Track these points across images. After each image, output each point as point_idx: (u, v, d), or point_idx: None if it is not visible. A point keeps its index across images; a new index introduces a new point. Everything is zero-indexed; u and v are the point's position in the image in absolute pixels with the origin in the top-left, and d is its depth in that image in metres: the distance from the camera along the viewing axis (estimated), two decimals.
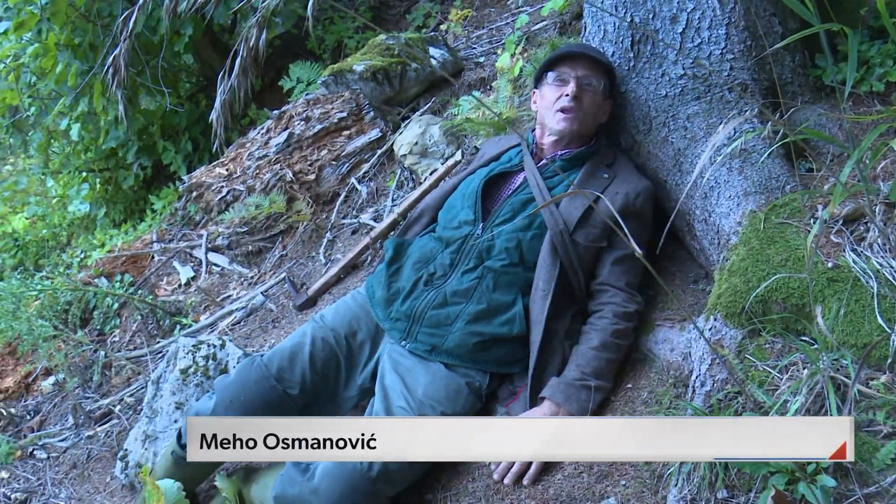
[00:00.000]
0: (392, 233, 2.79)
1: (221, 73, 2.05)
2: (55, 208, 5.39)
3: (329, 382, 1.90)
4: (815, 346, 1.37)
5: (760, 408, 1.39)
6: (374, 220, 2.95)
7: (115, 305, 3.41)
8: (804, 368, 1.37)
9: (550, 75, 1.96)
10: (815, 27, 1.16)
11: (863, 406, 1.27)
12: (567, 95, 1.89)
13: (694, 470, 1.37)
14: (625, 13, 1.92)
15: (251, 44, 1.92)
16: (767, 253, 1.54)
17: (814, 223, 1.52)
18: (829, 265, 1.44)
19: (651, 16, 1.89)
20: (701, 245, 1.84)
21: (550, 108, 1.94)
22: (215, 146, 2.19)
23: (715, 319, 1.57)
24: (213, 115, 2.17)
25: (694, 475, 1.37)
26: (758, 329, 1.49)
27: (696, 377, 1.54)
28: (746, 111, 1.74)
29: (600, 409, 1.71)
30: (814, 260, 1.44)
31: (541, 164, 1.96)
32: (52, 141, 4.88)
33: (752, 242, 1.58)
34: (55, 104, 4.38)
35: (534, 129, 2.07)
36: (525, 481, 1.63)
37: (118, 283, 3.50)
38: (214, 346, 2.38)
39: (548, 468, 1.64)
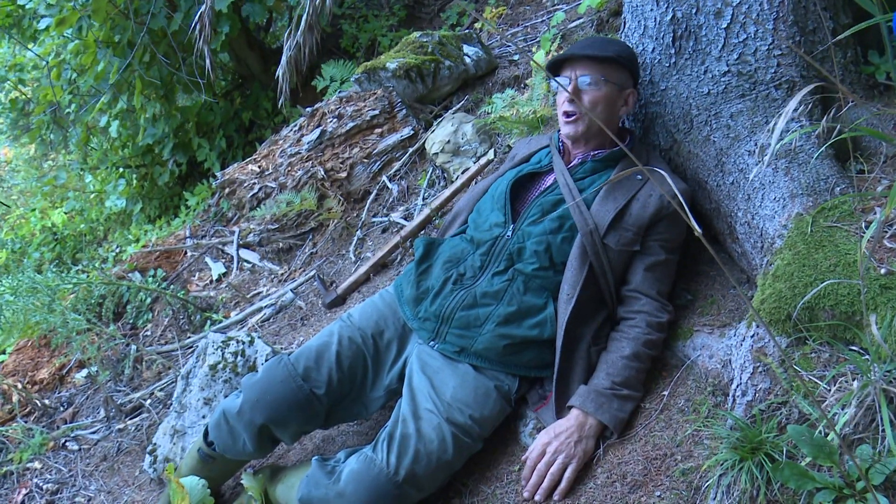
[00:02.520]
0: (422, 231, 2.76)
1: (287, 31, 2.06)
2: (93, 203, 5.49)
3: (356, 382, 1.88)
4: (867, 356, 1.29)
5: (806, 420, 1.32)
6: (405, 219, 2.92)
7: (148, 300, 3.44)
8: (854, 380, 1.30)
9: (555, 80, 1.92)
10: (875, 18, 1.09)
11: None
12: (566, 100, 1.86)
13: (734, 483, 1.31)
14: (666, 8, 1.86)
15: (317, 1, 1.90)
16: (815, 258, 1.46)
17: (866, 227, 1.44)
18: (883, 271, 1.36)
19: (694, 10, 1.82)
20: (743, 248, 1.77)
21: (560, 112, 1.91)
22: (280, 101, 2.19)
23: (758, 326, 1.50)
24: (280, 72, 2.17)
25: (734, 488, 1.31)
26: (804, 337, 1.42)
27: (737, 386, 1.47)
28: (796, 108, 1.66)
29: (630, 419, 1.66)
30: (865, 266, 1.37)
31: (571, 164, 1.91)
32: (91, 137, 4.97)
33: (799, 246, 1.51)
34: (94, 101, 4.45)
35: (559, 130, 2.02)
36: (556, 496, 1.59)
37: (151, 278, 3.54)
38: (243, 343, 2.38)
39: (579, 477, 1.59)
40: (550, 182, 1.90)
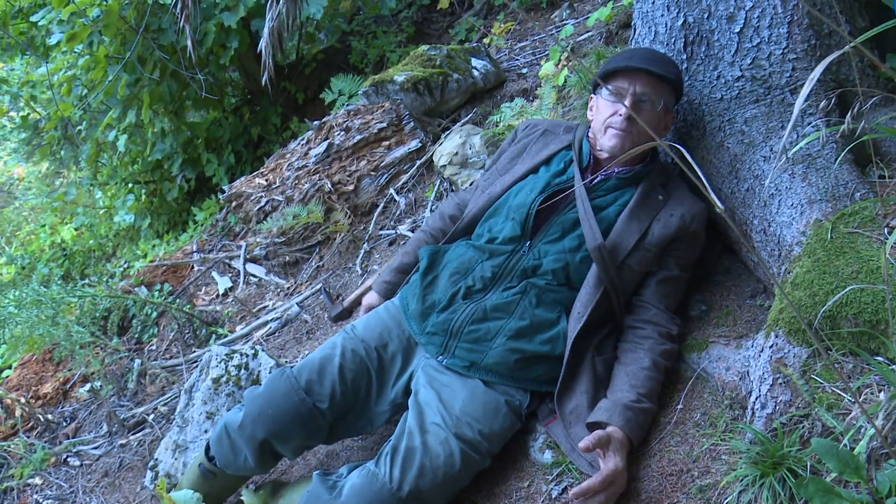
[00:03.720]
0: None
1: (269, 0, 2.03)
2: (102, 219, 5.50)
3: (360, 396, 1.83)
4: (894, 366, 1.23)
5: (830, 433, 1.26)
6: (412, 232, 2.88)
7: (154, 314, 3.41)
8: (880, 391, 1.24)
9: (606, 87, 1.80)
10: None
11: None
12: (620, 115, 1.74)
13: (755, 500, 1.24)
14: (677, 13, 1.83)
15: None
16: (836, 265, 1.41)
17: (889, 232, 1.39)
18: None
19: (706, 15, 1.79)
20: (759, 257, 1.71)
21: (602, 123, 1.80)
22: (264, 79, 2.17)
23: (776, 336, 1.44)
24: (262, 45, 2.14)
25: None
26: (826, 347, 1.36)
27: (756, 398, 1.41)
28: (811, 113, 1.62)
29: (649, 432, 1.60)
30: (889, 272, 1.31)
31: (595, 180, 1.82)
32: (101, 153, 4.99)
33: (818, 253, 1.46)
34: (104, 116, 4.48)
35: (588, 136, 1.92)
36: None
37: (157, 293, 3.52)
38: (247, 356, 2.34)
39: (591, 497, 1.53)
40: (572, 199, 1.81)
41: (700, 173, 0.65)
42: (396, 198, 3.09)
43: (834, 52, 1.66)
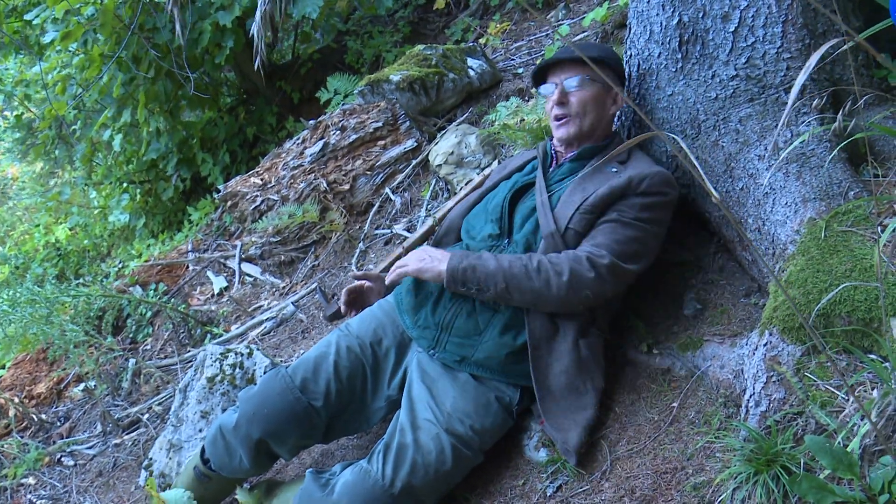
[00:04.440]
0: (425, 243, 2.72)
1: None
2: (96, 219, 5.48)
3: (356, 393, 1.83)
4: (887, 363, 1.24)
5: (823, 431, 1.26)
6: (408, 231, 2.88)
7: (149, 314, 3.40)
8: (874, 388, 1.24)
9: (543, 88, 1.94)
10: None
11: None
12: (553, 103, 1.87)
13: (749, 497, 1.25)
14: (672, 12, 1.83)
15: None
16: (829, 263, 1.41)
17: (882, 231, 1.39)
18: None
19: (701, 14, 1.79)
20: (753, 256, 1.72)
21: (550, 119, 1.92)
22: (256, 63, 2.16)
23: (770, 334, 1.45)
24: (254, 28, 2.13)
25: (748, 502, 1.24)
26: (819, 345, 1.36)
27: (750, 396, 1.41)
28: (804, 111, 1.62)
29: (624, 432, 1.60)
30: (883, 270, 1.32)
31: (552, 170, 1.92)
32: (96, 153, 4.97)
33: (812, 252, 1.46)
34: (99, 116, 4.46)
35: (552, 138, 2.02)
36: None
37: (152, 292, 3.51)
38: (242, 355, 2.33)
39: (588, 491, 1.53)
40: (534, 190, 1.89)
41: (695, 162, 0.65)
42: (392, 197, 3.09)
43: (830, 47, 1.67)
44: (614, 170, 1.78)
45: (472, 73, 3.35)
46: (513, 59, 3.64)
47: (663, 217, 1.75)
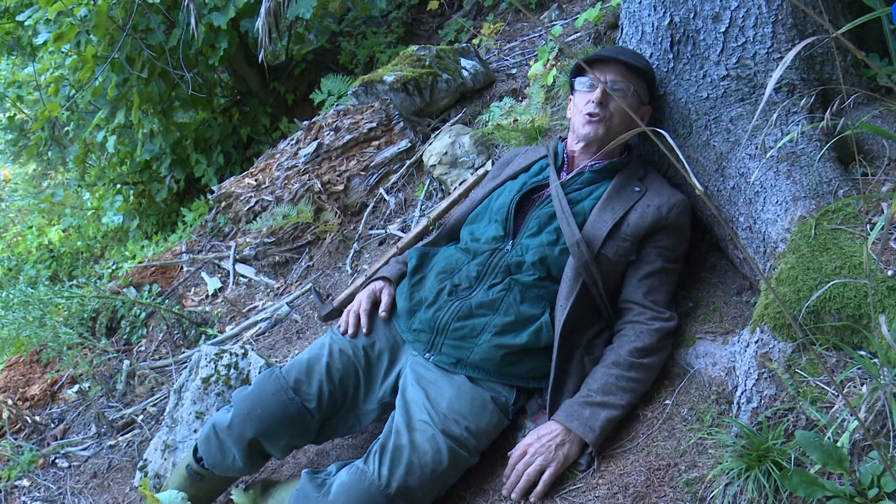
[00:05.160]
0: (419, 243, 2.73)
1: None
2: (90, 220, 5.47)
3: (348, 395, 1.84)
4: (876, 359, 1.25)
5: (814, 426, 1.28)
6: (402, 231, 2.89)
7: (143, 315, 3.40)
8: (863, 384, 1.26)
9: (581, 81, 1.89)
10: (876, 11, 1.07)
11: None
12: (593, 101, 1.81)
13: (741, 492, 1.26)
14: (664, 13, 1.85)
15: None
16: (819, 261, 1.43)
17: (871, 229, 1.41)
18: (890, 273, 1.32)
19: (692, 15, 1.81)
20: (745, 254, 1.73)
21: (579, 113, 1.86)
22: (261, 56, 2.14)
23: (762, 331, 1.46)
24: (258, 23, 2.12)
25: (741, 498, 1.26)
26: (809, 342, 1.38)
27: (742, 393, 1.43)
28: (794, 110, 1.64)
29: (620, 429, 1.63)
30: (871, 268, 1.33)
31: (570, 176, 1.88)
32: (89, 154, 4.96)
33: (803, 250, 1.48)
34: (92, 117, 4.45)
35: (564, 138, 2.00)
36: (532, 498, 1.57)
37: (146, 294, 3.50)
38: (237, 355, 2.33)
39: (582, 488, 1.54)
40: (547, 194, 1.87)
41: (681, 155, 0.66)
42: (386, 197, 3.10)
43: (816, 46, 1.68)
44: (637, 189, 1.80)
45: (465, 73, 3.36)
46: (506, 60, 3.66)
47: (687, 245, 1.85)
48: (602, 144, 1.85)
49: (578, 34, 3.41)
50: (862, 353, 1.30)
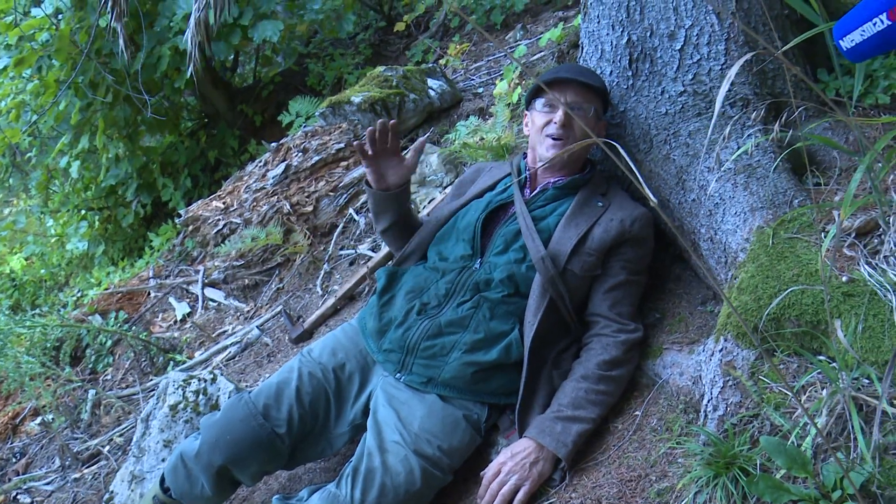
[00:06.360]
0: (389, 262, 2.73)
1: None
2: (54, 248, 5.35)
3: (318, 418, 1.81)
4: (834, 364, 1.28)
5: (778, 432, 1.30)
6: (372, 251, 2.89)
7: (109, 343, 3.33)
8: (823, 388, 1.29)
9: (539, 101, 1.90)
10: (819, 27, 1.11)
11: (888, 427, 1.18)
12: (555, 123, 1.83)
13: (709, 500, 1.27)
14: (622, 32, 1.89)
15: None
16: (778, 269, 1.46)
17: (825, 236, 1.45)
18: (844, 279, 1.36)
19: (648, 34, 1.86)
20: (707, 265, 1.76)
21: (540, 133, 1.88)
22: (190, 71, 2.13)
23: (725, 340, 1.49)
24: (187, 35, 2.11)
25: None
26: (771, 348, 1.41)
27: (708, 401, 1.45)
28: (749, 124, 1.69)
29: (592, 442, 1.64)
30: (827, 274, 1.37)
31: (533, 193, 1.90)
32: (52, 180, 4.87)
33: (762, 259, 1.51)
34: (55, 143, 4.38)
35: (525, 155, 2.02)
36: None
37: (112, 321, 3.43)
38: (205, 381, 2.29)
39: (556, 503, 1.54)
40: (512, 212, 1.89)
41: (633, 167, 0.68)
42: (356, 217, 3.10)
43: (761, 60, 1.73)
44: (600, 203, 1.83)
45: (432, 93, 3.40)
46: (472, 79, 3.70)
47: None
48: (566, 164, 1.89)
49: (542, 53, 3.47)
50: (821, 357, 1.33)
